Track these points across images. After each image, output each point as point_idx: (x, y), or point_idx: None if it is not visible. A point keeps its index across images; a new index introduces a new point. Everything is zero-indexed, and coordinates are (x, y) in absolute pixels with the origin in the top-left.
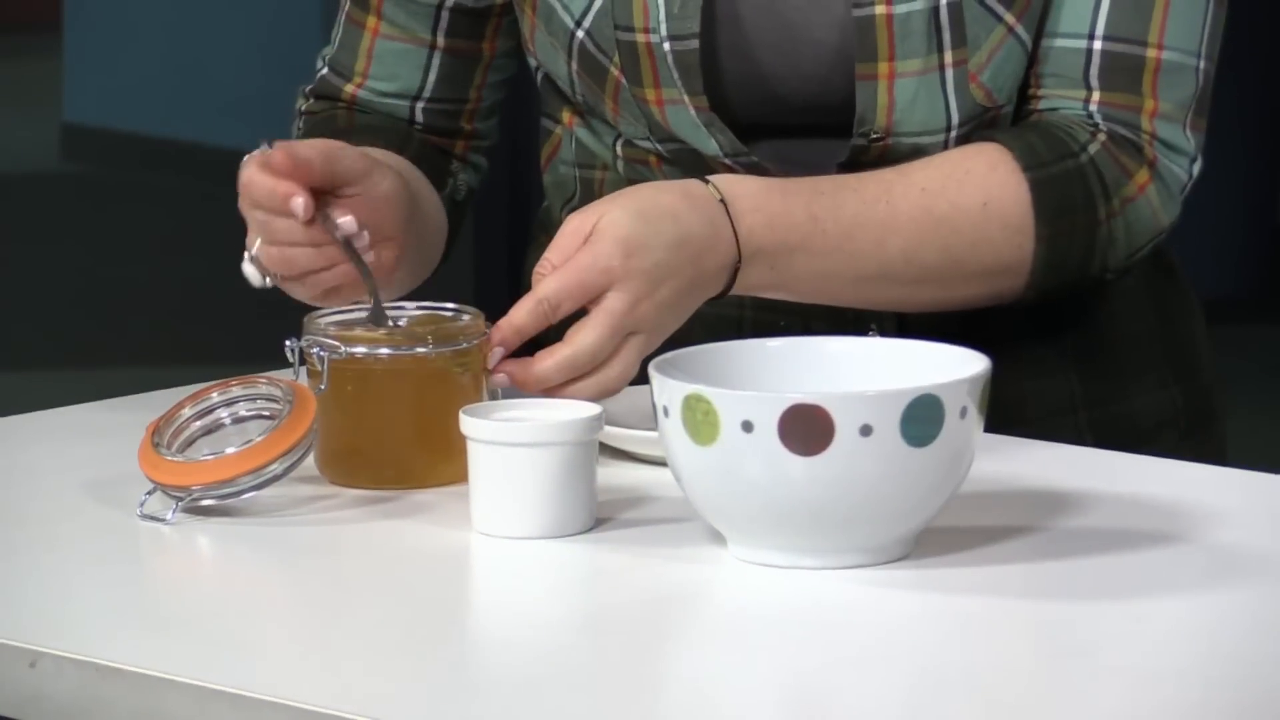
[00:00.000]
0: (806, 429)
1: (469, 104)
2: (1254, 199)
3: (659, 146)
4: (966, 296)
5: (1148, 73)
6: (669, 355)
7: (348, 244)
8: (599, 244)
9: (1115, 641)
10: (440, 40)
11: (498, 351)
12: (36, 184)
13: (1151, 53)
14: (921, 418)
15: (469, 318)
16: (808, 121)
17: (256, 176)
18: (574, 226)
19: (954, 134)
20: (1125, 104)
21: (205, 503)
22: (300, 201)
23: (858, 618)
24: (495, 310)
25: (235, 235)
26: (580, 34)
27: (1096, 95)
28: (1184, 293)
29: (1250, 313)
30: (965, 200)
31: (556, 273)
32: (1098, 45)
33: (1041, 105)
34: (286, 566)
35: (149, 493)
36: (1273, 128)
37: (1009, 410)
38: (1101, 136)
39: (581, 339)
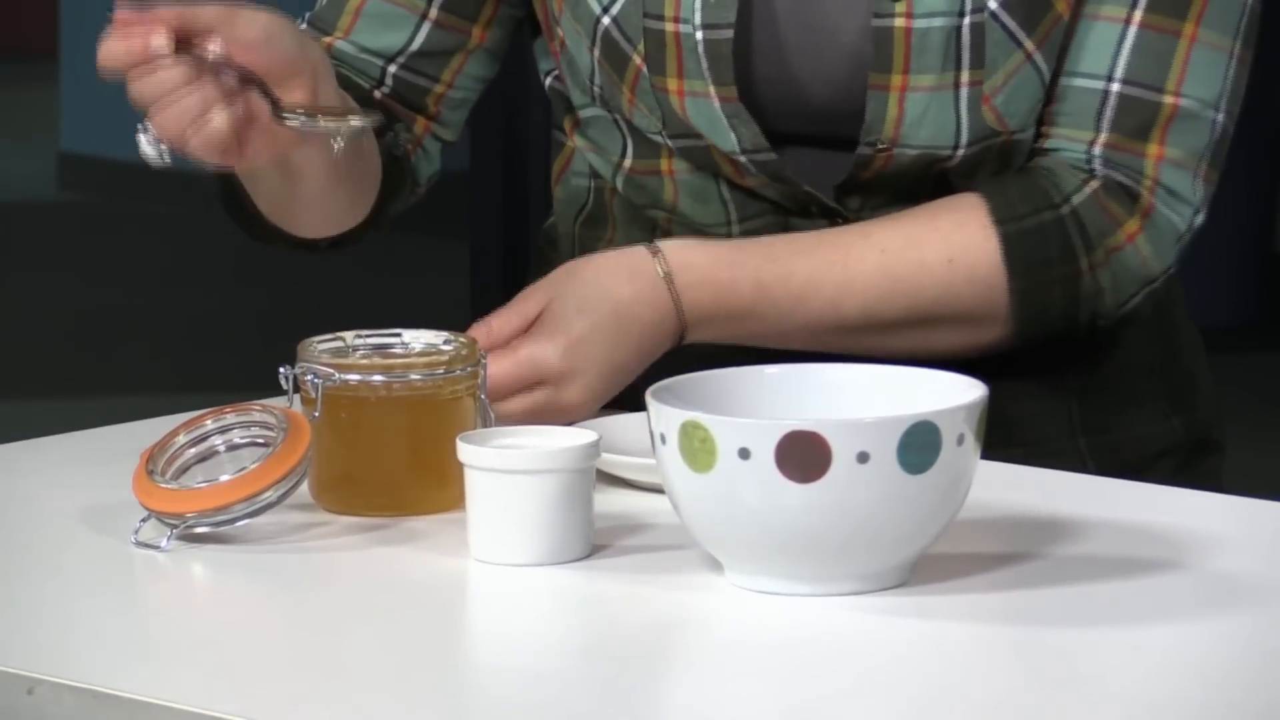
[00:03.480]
0: (803, 456)
1: (439, 85)
2: (1251, 227)
3: (670, 142)
4: (945, 344)
5: (1160, 119)
6: (666, 382)
7: (224, 68)
8: (539, 341)
9: (1113, 669)
10: (433, 12)
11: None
12: (34, 213)
13: (1168, 99)
14: (918, 445)
15: (462, 346)
16: (825, 130)
17: (111, 44)
18: (522, 308)
19: (961, 152)
20: (1130, 149)
21: (199, 530)
22: (160, 40)
23: (855, 645)
24: None
25: (231, 264)
26: (606, 20)
27: (1103, 137)
28: (1187, 325)
29: (1247, 340)
30: (929, 258)
31: (496, 361)
32: (1115, 88)
33: (1047, 144)
34: (281, 594)
35: (143, 520)
36: (1269, 156)
37: (1010, 434)
38: (1093, 184)
39: (498, 378)
